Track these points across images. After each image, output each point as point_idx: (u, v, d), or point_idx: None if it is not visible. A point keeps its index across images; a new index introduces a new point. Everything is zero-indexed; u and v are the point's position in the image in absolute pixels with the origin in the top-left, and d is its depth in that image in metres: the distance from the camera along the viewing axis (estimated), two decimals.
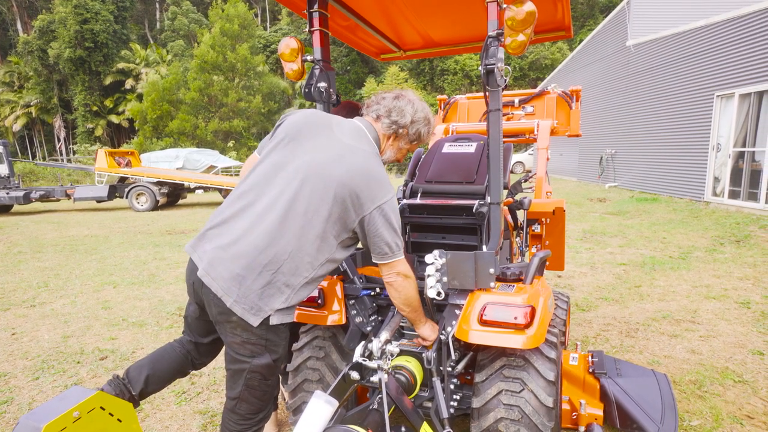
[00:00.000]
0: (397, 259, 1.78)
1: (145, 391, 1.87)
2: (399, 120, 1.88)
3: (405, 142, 1.96)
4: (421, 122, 1.93)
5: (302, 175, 1.68)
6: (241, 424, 1.80)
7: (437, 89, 37.23)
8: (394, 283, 1.80)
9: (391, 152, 1.95)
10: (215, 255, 1.66)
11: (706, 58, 10.96)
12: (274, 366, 1.77)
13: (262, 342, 1.70)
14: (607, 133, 16.76)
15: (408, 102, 1.92)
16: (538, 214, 3.25)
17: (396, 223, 1.76)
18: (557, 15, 2.39)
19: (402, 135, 1.93)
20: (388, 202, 1.73)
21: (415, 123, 1.92)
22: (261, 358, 1.72)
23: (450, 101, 4.35)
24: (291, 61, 2.04)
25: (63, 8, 36.08)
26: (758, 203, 9.25)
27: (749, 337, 3.73)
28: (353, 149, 1.75)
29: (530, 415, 1.75)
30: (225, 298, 1.63)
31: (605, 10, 37.09)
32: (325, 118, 1.84)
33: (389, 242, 1.75)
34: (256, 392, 1.76)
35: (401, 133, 1.91)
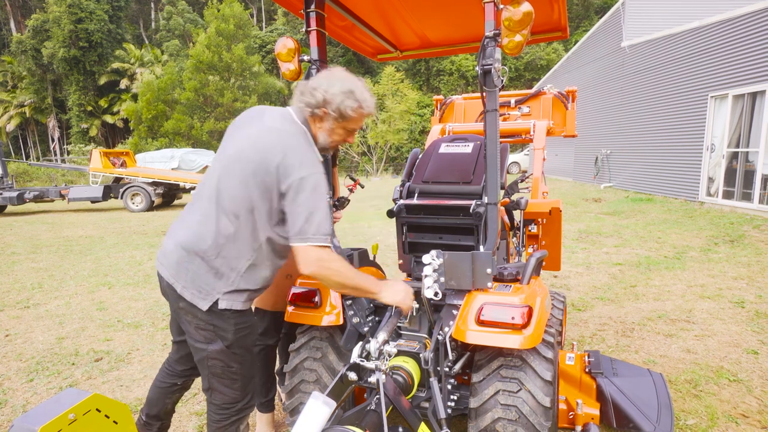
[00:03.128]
0: (313, 244, 1.67)
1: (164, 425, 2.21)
2: (310, 101, 1.78)
3: (332, 122, 1.81)
4: (338, 97, 1.75)
5: (226, 161, 1.77)
6: (219, 414, 1.88)
7: (433, 90, 37.27)
8: (315, 274, 1.69)
9: (322, 136, 1.84)
10: (169, 246, 1.82)
11: (701, 60, 11.03)
12: (229, 352, 1.81)
13: (210, 327, 1.78)
14: (603, 133, 16.83)
15: (324, 79, 1.79)
16: (534, 215, 3.26)
17: (316, 203, 1.67)
18: (553, 16, 2.40)
19: (324, 116, 1.79)
20: (308, 177, 1.68)
21: (330, 102, 1.76)
22: (214, 344, 1.79)
23: (446, 102, 4.35)
24: (288, 61, 2.04)
25: (57, 7, 35.85)
26: (752, 203, 9.32)
27: (744, 337, 3.75)
28: (274, 130, 1.76)
29: (527, 415, 1.75)
30: (175, 284, 1.77)
31: (600, 11, 37.26)
32: (259, 110, 1.87)
33: (305, 219, 1.67)
34: (223, 380, 1.84)
35: (320, 113, 1.79)
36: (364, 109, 1.82)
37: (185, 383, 2.19)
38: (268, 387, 2.64)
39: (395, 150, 35.08)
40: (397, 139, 33.33)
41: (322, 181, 1.72)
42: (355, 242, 8.35)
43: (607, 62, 16.62)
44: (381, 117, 33.80)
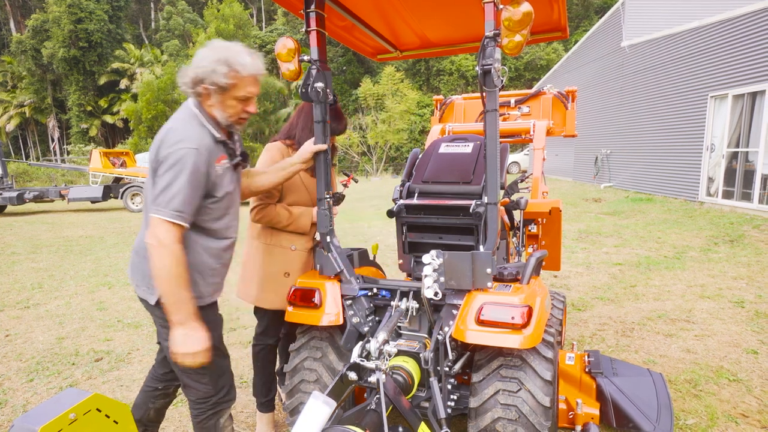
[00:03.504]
0: (159, 216, 1.65)
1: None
2: (187, 82, 1.78)
3: (217, 96, 1.78)
4: (209, 70, 1.72)
5: None
6: (196, 409, 1.94)
7: (433, 90, 37.25)
8: (149, 246, 1.69)
9: (218, 113, 1.82)
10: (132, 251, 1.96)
11: (700, 59, 11.03)
12: None
13: (161, 321, 1.83)
14: (603, 133, 16.83)
15: (196, 57, 1.77)
16: (534, 215, 3.26)
17: (176, 177, 1.66)
18: (553, 16, 2.40)
19: (205, 92, 1.78)
20: (175, 152, 1.68)
21: (203, 77, 1.74)
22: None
23: (446, 102, 4.35)
24: (288, 61, 2.04)
25: (57, 7, 35.84)
26: (752, 203, 9.32)
27: (743, 336, 3.76)
28: (169, 120, 1.81)
29: (527, 414, 1.75)
30: (132, 282, 1.93)
31: (600, 11, 37.25)
32: None
33: (161, 189, 1.67)
34: (191, 376, 1.88)
35: (202, 91, 1.77)
36: (242, 72, 1.75)
37: (166, 389, 2.18)
38: (268, 387, 2.64)
39: (395, 150, 35.07)
40: (396, 139, 33.32)
41: (190, 158, 1.68)
42: (355, 242, 8.35)
43: (606, 62, 16.62)
44: (381, 117, 33.80)
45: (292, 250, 2.45)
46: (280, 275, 2.44)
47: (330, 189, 2.21)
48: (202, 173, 1.72)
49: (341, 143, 34.22)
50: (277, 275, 2.45)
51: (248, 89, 1.81)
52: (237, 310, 4.79)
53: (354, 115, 37.14)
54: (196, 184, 1.71)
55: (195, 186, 1.71)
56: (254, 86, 1.83)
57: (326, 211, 2.18)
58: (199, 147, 1.71)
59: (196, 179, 1.71)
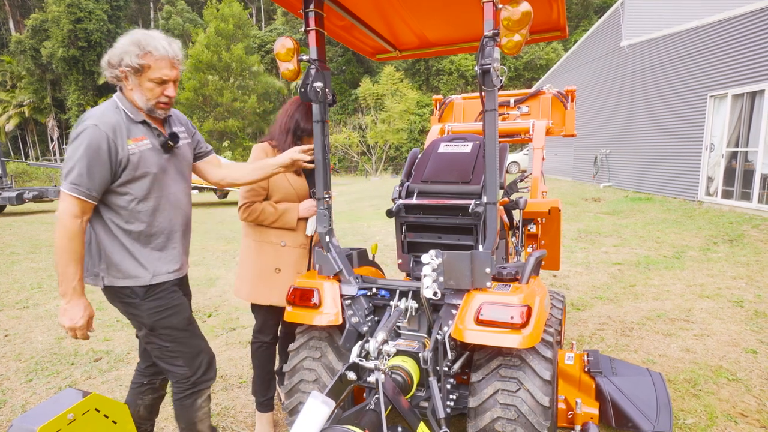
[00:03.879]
0: (64, 190, 1.74)
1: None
2: (105, 70, 1.86)
3: (134, 79, 1.84)
4: (121, 53, 1.80)
5: None
6: (176, 387, 2.04)
7: (432, 89, 37.25)
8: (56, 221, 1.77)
9: (138, 97, 1.87)
10: None
11: (700, 59, 11.03)
12: (157, 334, 1.94)
13: (129, 315, 1.99)
14: (602, 133, 16.84)
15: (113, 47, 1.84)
16: (533, 214, 3.26)
17: (75, 153, 1.74)
18: (552, 15, 2.40)
19: (123, 76, 1.84)
20: (79, 132, 1.76)
21: (117, 61, 1.81)
22: (141, 330, 1.98)
23: (446, 101, 4.35)
24: (287, 60, 2.03)
25: (56, 7, 35.81)
26: (751, 203, 9.32)
27: (743, 336, 3.76)
28: None
29: (526, 414, 1.75)
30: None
31: (600, 10, 37.25)
32: None
33: (66, 165, 1.76)
34: (164, 359, 1.98)
35: (120, 75, 1.83)
36: (154, 53, 1.81)
37: (152, 383, 2.21)
38: (267, 386, 2.64)
39: (395, 150, 35.07)
40: (396, 138, 33.32)
41: (87, 132, 1.74)
42: (355, 242, 8.35)
43: (606, 62, 16.63)
44: (380, 117, 33.79)
45: (282, 246, 2.49)
46: (271, 271, 2.48)
47: (329, 188, 2.21)
48: (102, 149, 1.75)
49: (341, 143, 34.21)
50: (268, 271, 2.49)
51: (163, 71, 1.84)
52: (236, 309, 4.79)
53: (353, 115, 37.13)
54: (95, 159, 1.74)
55: (93, 161, 1.74)
56: (170, 70, 1.87)
57: (325, 210, 2.18)
58: (99, 123, 1.76)
59: (95, 154, 1.74)
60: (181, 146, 2.07)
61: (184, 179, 2.09)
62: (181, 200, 2.05)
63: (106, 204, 1.86)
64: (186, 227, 2.10)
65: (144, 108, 1.89)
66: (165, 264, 1.97)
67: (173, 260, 2.01)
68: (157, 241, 1.95)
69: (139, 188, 1.87)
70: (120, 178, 1.82)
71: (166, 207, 1.96)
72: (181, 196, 2.05)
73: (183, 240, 2.08)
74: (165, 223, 1.97)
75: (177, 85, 1.95)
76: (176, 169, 2.03)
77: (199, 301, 5.18)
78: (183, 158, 2.08)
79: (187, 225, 2.12)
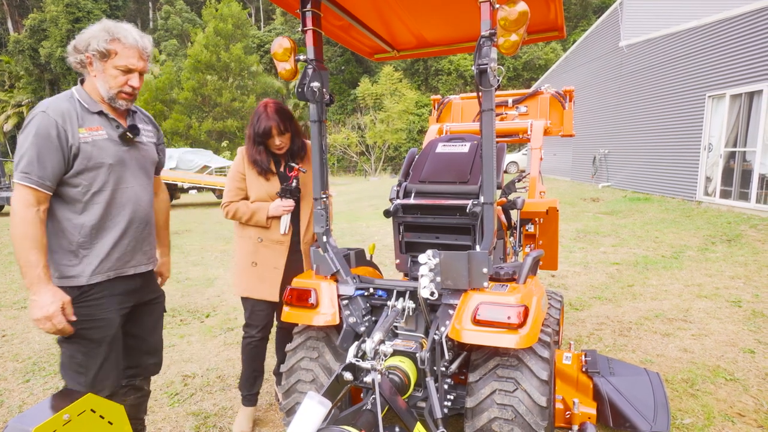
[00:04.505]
0: (16, 180, 1.70)
1: None
2: (70, 55, 1.83)
3: (99, 64, 1.80)
4: (88, 37, 1.77)
5: None
6: None
7: (431, 89, 37.26)
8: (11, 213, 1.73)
9: (101, 84, 1.83)
10: None
11: (698, 59, 11.05)
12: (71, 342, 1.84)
13: None
14: (601, 133, 16.85)
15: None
16: (531, 214, 3.26)
17: (23, 142, 1.71)
18: (550, 15, 2.40)
19: (88, 60, 1.80)
20: (28, 117, 1.75)
21: (83, 46, 1.78)
22: None
23: (444, 101, 4.35)
24: (284, 60, 2.03)
25: (54, 7, 35.81)
26: (749, 203, 9.34)
27: (740, 336, 3.76)
28: None
29: (524, 414, 1.75)
30: None
31: (598, 10, 37.28)
32: None
33: (16, 155, 1.75)
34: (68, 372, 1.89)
35: (84, 60, 1.80)
36: (123, 40, 1.79)
37: (131, 384, 2.16)
38: (252, 382, 2.71)
39: (393, 150, 35.08)
40: (395, 138, 33.33)
41: (36, 120, 1.72)
42: (354, 242, 8.35)
43: (605, 62, 16.65)
44: (379, 117, 33.79)
45: (260, 242, 2.61)
46: (249, 264, 2.63)
47: (326, 188, 2.21)
48: (52, 135, 1.71)
49: (340, 143, 34.20)
50: (246, 264, 2.64)
51: (130, 60, 1.82)
52: (234, 309, 4.78)
53: (352, 115, 37.13)
54: (45, 147, 1.71)
55: (44, 148, 1.70)
56: (137, 60, 1.84)
57: (323, 210, 2.18)
58: (47, 110, 1.73)
59: (45, 141, 1.71)
60: (146, 143, 2.02)
61: (146, 176, 2.03)
62: (141, 197, 1.99)
63: (59, 196, 1.80)
64: (144, 224, 2.02)
65: (105, 96, 1.84)
66: (111, 262, 1.89)
67: (124, 257, 1.94)
68: (108, 237, 1.88)
69: (94, 179, 1.82)
70: (73, 167, 1.77)
71: (122, 201, 1.91)
72: (141, 192, 1.99)
73: (140, 237, 2.00)
74: (120, 217, 1.90)
75: (143, 78, 1.91)
76: (138, 164, 1.97)
77: (198, 301, 5.18)
78: (147, 155, 2.03)
79: (146, 223, 2.03)
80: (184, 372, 3.45)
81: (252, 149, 2.56)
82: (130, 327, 2.07)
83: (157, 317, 2.24)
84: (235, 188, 2.61)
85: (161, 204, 2.30)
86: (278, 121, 2.47)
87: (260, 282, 2.61)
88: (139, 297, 2.07)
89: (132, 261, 1.98)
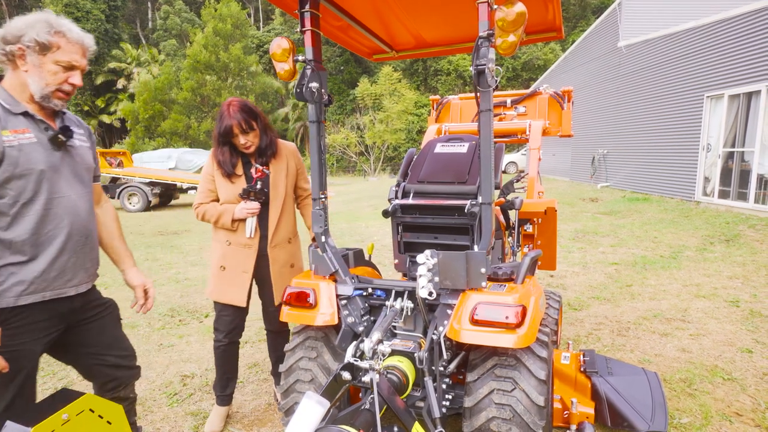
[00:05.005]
0: None
1: None
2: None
3: (35, 57, 1.63)
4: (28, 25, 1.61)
5: None
6: None
7: (430, 89, 37.28)
8: None
9: (33, 80, 1.65)
10: None
11: (697, 60, 11.06)
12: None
13: None
14: (599, 133, 16.87)
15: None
16: (529, 214, 3.27)
17: None
18: (548, 16, 2.40)
19: (20, 53, 1.62)
20: None
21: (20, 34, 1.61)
22: None
23: (443, 101, 4.36)
24: (282, 61, 2.04)
25: (53, 7, 35.69)
26: (747, 203, 9.35)
27: (738, 336, 3.77)
28: None
29: (522, 414, 1.76)
30: None
31: (597, 11, 37.34)
32: None
33: None
34: None
35: (16, 52, 1.62)
36: (68, 34, 1.66)
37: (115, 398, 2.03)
38: (224, 383, 2.74)
39: (393, 150, 35.09)
40: (394, 138, 33.33)
41: None
42: (353, 242, 8.35)
43: (603, 62, 16.66)
44: (378, 117, 33.79)
45: (228, 245, 2.59)
46: (218, 268, 2.62)
47: (325, 188, 2.21)
48: None
49: (339, 143, 34.19)
50: (216, 268, 2.64)
51: (74, 56, 1.68)
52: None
53: (352, 115, 37.14)
54: None
55: None
56: (81, 57, 1.71)
57: (321, 210, 2.18)
58: None
59: None
60: (79, 146, 1.84)
61: (83, 183, 1.84)
62: (79, 206, 1.79)
63: None
64: (85, 237, 1.83)
65: (38, 94, 1.66)
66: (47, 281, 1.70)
67: (64, 275, 1.75)
68: (44, 253, 1.69)
69: (23, 188, 1.63)
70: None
71: (57, 212, 1.72)
72: (79, 201, 1.80)
73: (81, 252, 1.82)
74: (56, 231, 1.71)
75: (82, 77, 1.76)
76: (72, 170, 1.78)
77: (196, 301, 5.18)
78: (82, 160, 1.84)
79: (87, 236, 1.84)
80: (183, 372, 3.45)
81: (216, 150, 2.54)
82: (82, 348, 1.92)
83: (111, 329, 2.05)
84: (206, 190, 2.61)
85: (107, 215, 2.11)
86: (240, 120, 2.42)
87: (229, 286, 2.58)
88: (77, 317, 1.87)
89: (74, 279, 1.80)
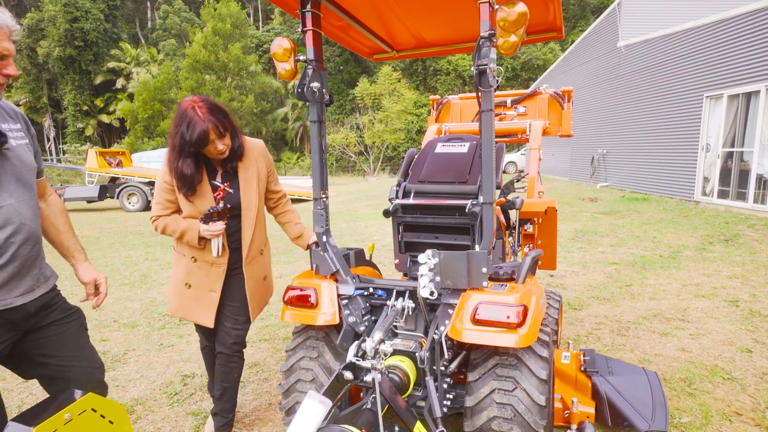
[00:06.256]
0: None
1: None
2: None
3: None
4: None
5: None
6: None
7: (430, 89, 37.29)
8: None
9: None
10: None
11: (696, 60, 11.08)
12: None
13: None
14: (599, 133, 16.89)
15: None
16: (530, 214, 3.27)
17: None
18: (549, 16, 2.41)
19: None
20: None
21: None
22: None
23: (443, 101, 4.36)
24: (284, 61, 2.04)
25: (52, 6, 35.71)
26: (746, 203, 9.37)
27: (738, 335, 3.78)
28: None
29: (523, 413, 1.76)
30: None
31: (597, 11, 37.37)
32: None
33: None
34: None
35: None
36: None
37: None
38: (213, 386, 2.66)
39: (392, 150, 35.11)
40: (394, 138, 33.34)
41: None
42: (352, 242, 8.35)
43: (603, 62, 16.68)
44: (378, 117, 33.79)
45: (193, 262, 2.32)
46: (183, 285, 2.35)
47: (326, 188, 2.22)
48: None
49: (339, 143, 34.19)
50: (180, 284, 2.37)
51: (3, 44, 1.51)
52: None
53: (351, 115, 37.13)
54: None
55: None
56: (8, 43, 1.53)
57: (322, 210, 2.18)
58: None
59: None
60: (15, 147, 1.63)
61: (25, 187, 1.65)
62: (24, 213, 1.63)
63: None
64: (33, 244, 1.68)
65: None
66: None
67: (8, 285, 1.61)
68: None
69: None
70: None
71: None
72: (23, 208, 1.63)
73: (28, 259, 1.67)
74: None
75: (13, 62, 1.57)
76: (13, 176, 1.60)
77: None
78: (20, 162, 1.64)
79: (35, 242, 1.69)
80: (184, 372, 3.45)
81: (177, 162, 2.13)
82: (42, 358, 1.76)
83: (75, 338, 1.88)
84: (164, 200, 2.26)
85: (54, 209, 1.92)
86: (216, 123, 2.06)
87: (195, 306, 2.33)
88: (33, 323, 1.73)
89: (20, 287, 1.65)
